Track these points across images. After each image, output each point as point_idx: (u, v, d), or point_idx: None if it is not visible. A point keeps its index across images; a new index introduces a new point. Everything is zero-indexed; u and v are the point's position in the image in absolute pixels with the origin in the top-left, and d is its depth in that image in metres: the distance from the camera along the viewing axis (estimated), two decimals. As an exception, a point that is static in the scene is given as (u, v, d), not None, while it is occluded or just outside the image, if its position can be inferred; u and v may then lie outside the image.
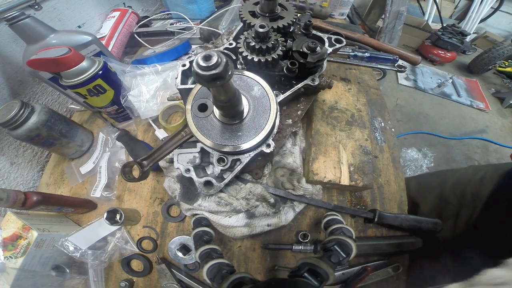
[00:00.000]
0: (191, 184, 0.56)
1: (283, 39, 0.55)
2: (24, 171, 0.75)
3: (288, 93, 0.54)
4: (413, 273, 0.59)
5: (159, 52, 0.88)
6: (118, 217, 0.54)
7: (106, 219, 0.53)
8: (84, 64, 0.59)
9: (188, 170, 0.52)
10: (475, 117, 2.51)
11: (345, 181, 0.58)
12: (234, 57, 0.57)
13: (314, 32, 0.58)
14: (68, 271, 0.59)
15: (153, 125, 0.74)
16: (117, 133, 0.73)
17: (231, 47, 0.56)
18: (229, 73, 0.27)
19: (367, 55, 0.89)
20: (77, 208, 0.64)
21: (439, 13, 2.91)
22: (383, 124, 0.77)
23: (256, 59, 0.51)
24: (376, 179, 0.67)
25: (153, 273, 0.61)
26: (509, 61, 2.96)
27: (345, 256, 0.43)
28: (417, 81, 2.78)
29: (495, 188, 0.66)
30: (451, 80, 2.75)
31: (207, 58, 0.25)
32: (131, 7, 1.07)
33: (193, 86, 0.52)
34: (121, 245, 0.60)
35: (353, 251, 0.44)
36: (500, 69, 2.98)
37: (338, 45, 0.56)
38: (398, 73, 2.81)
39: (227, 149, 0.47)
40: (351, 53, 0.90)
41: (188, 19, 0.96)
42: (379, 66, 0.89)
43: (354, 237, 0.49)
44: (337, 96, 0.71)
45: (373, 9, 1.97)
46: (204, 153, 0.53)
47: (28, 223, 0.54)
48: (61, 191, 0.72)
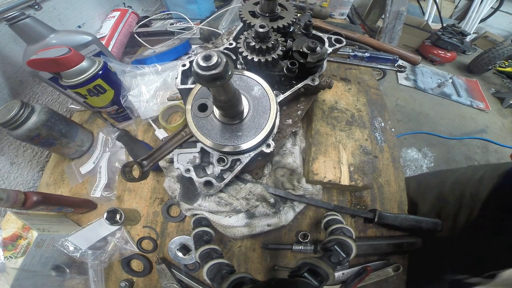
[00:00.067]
0: (191, 184, 0.56)
1: (283, 39, 0.55)
2: (24, 171, 0.75)
3: (288, 93, 0.54)
4: (413, 273, 0.59)
5: (159, 52, 0.88)
6: (118, 217, 0.54)
7: (106, 219, 0.53)
8: (84, 64, 0.59)
9: (188, 170, 0.52)
10: (475, 117, 2.51)
11: (345, 181, 0.58)
12: (234, 57, 0.57)
13: (314, 32, 0.58)
14: (68, 271, 0.59)
15: (153, 125, 0.74)
16: (117, 133, 0.73)
17: (231, 47, 0.56)
18: (229, 73, 0.27)
19: (367, 55, 0.89)
20: (77, 208, 0.64)
21: (439, 13, 2.91)
22: (383, 124, 0.77)
23: (256, 59, 0.51)
24: (376, 179, 0.67)
25: (153, 273, 0.61)
26: (509, 61, 2.96)
27: (345, 256, 0.43)
28: (417, 81, 2.78)
29: (494, 188, 0.66)
30: (451, 80, 2.75)
31: (207, 58, 0.25)
32: (131, 7, 1.07)
33: (193, 86, 0.52)
34: (121, 245, 0.60)
35: (353, 251, 0.44)
36: (500, 69, 2.98)
37: (338, 45, 0.56)
38: (398, 73, 2.81)
39: (227, 149, 0.47)
40: (351, 53, 0.90)
41: (188, 19, 0.96)
42: (379, 66, 0.89)
43: (354, 237, 0.49)
44: (337, 96, 0.71)
45: (373, 9, 1.97)
46: (204, 153, 0.53)
47: (28, 223, 0.54)
48: (61, 191, 0.72)
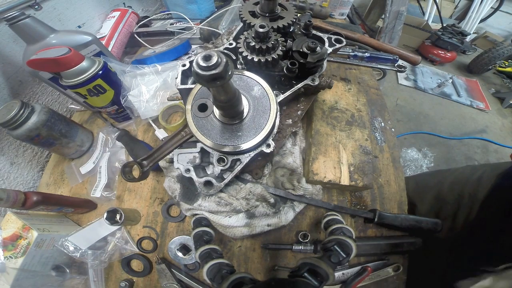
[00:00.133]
0: (191, 184, 0.56)
1: (283, 39, 0.55)
2: (24, 171, 0.75)
3: (288, 93, 0.54)
4: (413, 273, 0.59)
5: (159, 52, 0.88)
6: (118, 217, 0.54)
7: (106, 219, 0.53)
8: (84, 64, 0.59)
9: (188, 170, 0.52)
10: (475, 117, 2.51)
11: (345, 181, 0.58)
12: (234, 57, 0.57)
13: (314, 32, 0.58)
14: (68, 271, 0.59)
15: (153, 125, 0.74)
16: (117, 133, 0.73)
17: (231, 47, 0.56)
18: (229, 73, 0.27)
19: (367, 55, 0.89)
20: (77, 208, 0.64)
21: (439, 13, 2.91)
22: (383, 124, 0.77)
23: (256, 59, 0.51)
24: (376, 179, 0.67)
25: (153, 273, 0.61)
26: (509, 61, 2.96)
27: (345, 256, 0.43)
28: (417, 81, 2.78)
29: (493, 188, 0.66)
30: (451, 80, 2.75)
31: (207, 58, 0.25)
32: (131, 7, 1.07)
33: (193, 86, 0.52)
34: (121, 245, 0.60)
35: (353, 251, 0.44)
36: (500, 69, 2.98)
37: (338, 45, 0.56)
38: (398, 73, 2.81)
39: (227, 149, 0.47)
40: (351, 53, 0.90)
41: (188, 19, 0.96)
42: (379, 66, 0.89)
43: (354, 237, 0.49)
44: (337, 96, 0.71)
45: (373, 9, 1.97)
46: (204, 153, 0.53)
47: (28, 223, 0.54)
48: (61, 191, 0.72)
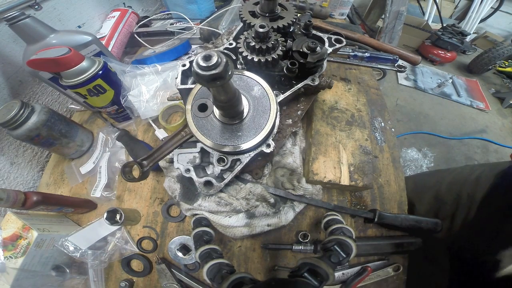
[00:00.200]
0: (191, 184, 0.56)
1: (283, 39, 0.55)
2: (24, 171, 0.75)
3: (288, 93, 0.54)
4: (412, 273, 0.59)
5: (159, 52, 0.88)
6: (118, 217, 0.54)
7: (106, 219, 0.53)
8: (84, 64, 0.59)
9: (188, 170, 0.52)
10: (475, 117, 2.51)
11: (345, 181, 0.58)
12: (234, 57, 0.57)
13: (314, 32, 0.58)
14: (68, 271, 0.59)
15: (153, 125, 0.74)
16: (117, 133, 0.73)
17: (231, 47, 0.56)
18: (229, 73, 0.27)
19: (367, 55, 0.89)
20: (77, 208, 0.64)
21: (439, 13, 2.91)
22: (383, 124, 0.77)
23: (256, 59, 0.51)
24: (376, 179, 0.67)
25: (153, 273, 0.61)
26: (509, 61, 2.96)
27: (345, 256, 0.43)
28: (417, 81, 2.78)
29: (491, 188, 0.66)
30: (451, 80, 2.75)
31: (207, 58, 0.25)
32: (131, 7, 1.07)
33: (193, 86, 0.52)
34: (121, 245, 0.60)
35: (353, 251, 0.44)
36: (500, 69, 2.98)
37: (338, 45, 0.56)
38: (398, 73, 2.81)
39: (227, 149, 0.47)
40: (351, 53, 0.90)
41: (188, 19, 0.96)
42: (379, 66, 0.89)
43: (354, 237, 0.49)
44: (337, 96, 0.71)
45: (373, 9, 1.97)
46: (204, 153, 0.53)
47: (28, 223, 0.54)
48: (61, 191, 0.72)
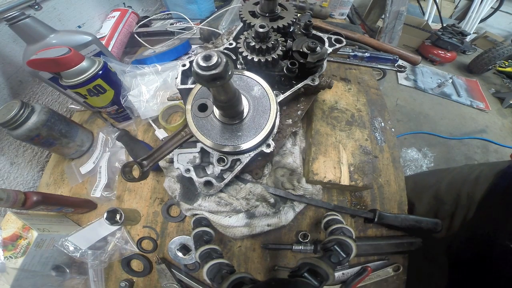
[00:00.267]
0: (191, 184, 0.56)
1: (283, 39, 0.55)
2: (24, 171, 0.75)
3: (288, 93, 0.54)
4: (412, 273, 0.59)
5: (159, 52, 0.88)
6: (118, 217, 0.54)
7: (106, 219, 0.53)
8: (84, 64, 0.59)
9: (188, 170, 0.52)
10: (475, 117, 2.51)
11: (345, 181, 0.58)
12: (234, 57, 0.57)
13: (314, 32, 0.58)
14: (68, 271, 0.59)
15: (153, 125, 0.74)
16: (117, 133, 0.73)
17: (231, 47, 0.56)
18: (229, 73, 0.27)
19: (367, 55, 0.89)
20: (77, 208, 0.64)
21: (439, 13, 2.91)
22: (383, 124, 0.77)
23: (256, 59, 0.51)
24: (376, 179, 0.67)
25: (153, 273, 0.61)
26: (509, 61, 2.96)
27: (345, 256, 0.43)
28: (417, 81, 2.78)
29: (490, 187, 0.66)
30: (451, 80, 2.75)
31: (207, 58, 0.25)
32: (131, 7, 1.07)
33: (193, 86, 0.52)
34: (121, 245, 0.60)
35: (353, 251, 0.44)
36: (500, 69, 2.98)
37: (338, 45, 0.56)
38: (398, 73, 2.81)
39: (227, 149, 0.47)
40: (351, 53, 0.90)
41: (188, 19, 0.96)
42: (379, 66, 0.89)
43: (354, 237, 0.49)
44: (337, 96, 0.71)
45: (373, 9, 1.97)
46: (204, 153, 0.53)
47: (28, 223, 0.54)
48: (61, 191, 0.72)
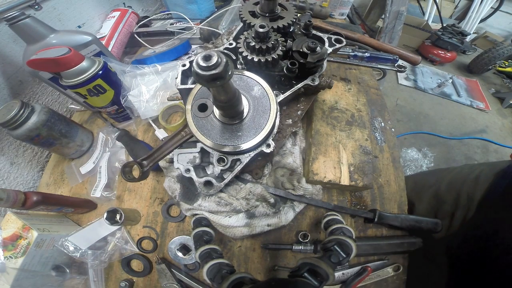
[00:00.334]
0: (191, 184, 0.56)
1: (283, 39, 0.55)
2: (24, 171, 0.75)
3: (288, 93, 0.54)
4: (412, 273, 0.59)
5: (159, 52, 0.88)
6: (118, 217, 0.54)
7: (106, 219, 0.53)
8: (84, 64, 0.59)
9: (188, 170, 0.52)
10: (475, 117, 2.51)
11: (345, 181, 0.58)
12: (234, 57, 0.57)
13: (314, 32, 0.58)
14: (68, 271, 0.59)
15: (153, 125, 0.74)
16: (117, 133, 0.73)
17: (231, 47, 0.56)
18: (229, 73, 0.27)
19: (367, 55, 0.89)
20: (77, 208, 0.64)
21: (439, 13, 2.91)
22: (383, 124, 0.77)
23: (256, 59, 0.51)
24: (376, 179, 0.67)
25: (153, 273, 0.61)
26: (509, 61, 2.96)
27: (345, 256, 0.43)
28: (417, 81, 2.78)
29: (490, 187, 0.66)
30: (451, 80, 2.75)
31: (207, 58, 0.25)
32: (131, 7, 1.07)
33: (193, 86, 0.52)
34: (121, 245, 0.60)
35: (353, 251, 0.44)
36: (500, 69, 2.97)
37: (338, 45, 0.56)
38: (398, 73, 2.81)
39: (227, 149, 0.47)
40: (351, 53, 0.90)
41: (188, 19, 0.96)
42: (379, 66, 0.89)
43: (354, 237, 0.49)
44: (337, 96, 0.71)
45: (373, 9, 1.97)
46: (204, 153, 0.53)
47: (28, 223, 0.54)
48: (61, 191, 0.72)
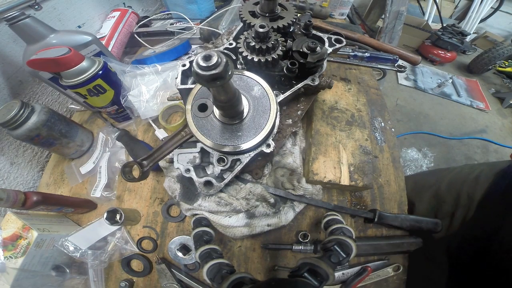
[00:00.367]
0: (191, 184, 0.56)
1: (283, 39, 0.55)
2: (24, 171, 0.75)
3: (288, 93, 0.54)
4: (412, 273, 0.59)
5: (159, 52, 0.88)
6: (118, 217, 0.54)
7: (106, 219, 0.53)
8: (84, 64, 0.59)
9: (188, 170, 0.52)
10: (475, 117, 2.51)
11: (345, 181, 0.58)
12: (234, 57, 0.57)
13: (314, 32, 0.58)
14: (68, 271, 0.59)
15: (153, 125, 0.74)
16: (117, 133, 0.73)
17: (231, 47, 0.56)
18: (229, 73, 0.27)
19: (367, 55, 0.89)
20: (77, 208, 0.64)
21: (439, 13, 2.91)
22: (383, 124, 0.77)
23: (256, 59, 0.51)
24: (376, 179, 0.67)
25: (153, 273, 0.61)
26: (509, 61, 2.96)
27: (345, 256, 0.43)
28: (417, 81, 2.78)
29: (490, 187, 0.66)
30: (451, 80, 2.75)
31: (207, 58, 0.25)
32: (131, 7, 1.07)
33: (193, 86, 0.52)
34: (121, 245, 0.60)
35: (353, 251, 0.44)
36: (500, 69, 2.97)
37: (338, 45, 0.56)
38: (398, 73, 2.81)
39: (227, 149, 0.47)
40: (351, 53, 0.90)
41: (188, 19, 0.96)
42: (379, 66, 0.89)
43: (354, 237, 0.49)
44: (337, 96, 0.71)
45: (373, 9, 1.98)
46: (204, 153, 0.53)
47: (28, 223, 0.54)
48: (61, 191, 0.72)
